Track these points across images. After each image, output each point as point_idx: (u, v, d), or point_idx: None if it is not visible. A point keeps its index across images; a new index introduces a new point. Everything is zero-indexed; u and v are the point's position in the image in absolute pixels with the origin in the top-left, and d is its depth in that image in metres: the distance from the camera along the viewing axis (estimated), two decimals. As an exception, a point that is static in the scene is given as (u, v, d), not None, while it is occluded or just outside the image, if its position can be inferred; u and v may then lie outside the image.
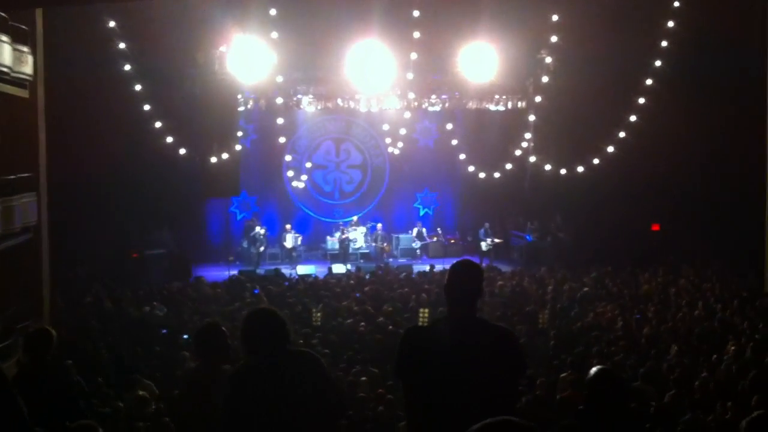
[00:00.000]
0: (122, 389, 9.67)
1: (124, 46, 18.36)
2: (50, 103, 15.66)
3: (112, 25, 18.01)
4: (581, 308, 15.42)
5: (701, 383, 9.47)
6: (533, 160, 22.05)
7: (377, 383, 10.15)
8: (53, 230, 16.12)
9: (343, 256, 22.90)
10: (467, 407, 3.70)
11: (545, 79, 21.06)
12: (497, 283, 17.85)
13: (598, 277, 18.57)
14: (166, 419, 7.87)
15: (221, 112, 19.51)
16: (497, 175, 22.56)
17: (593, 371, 3.95)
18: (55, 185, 16.30)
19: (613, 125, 20.43)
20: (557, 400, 9.42)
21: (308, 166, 24.69)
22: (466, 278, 4.12)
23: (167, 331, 13.53)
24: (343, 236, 23.16)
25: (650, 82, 19.79)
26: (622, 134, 20.31)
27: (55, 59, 16.10)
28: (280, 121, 22.12)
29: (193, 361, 10.84)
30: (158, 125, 19.23)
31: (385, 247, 23.53)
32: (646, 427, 7.69)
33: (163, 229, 22.36)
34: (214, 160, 19.27)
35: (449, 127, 23.84)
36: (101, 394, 9.41)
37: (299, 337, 11.80)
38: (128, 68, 18.63)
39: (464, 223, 26.18)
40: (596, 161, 20.77)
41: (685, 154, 21.37)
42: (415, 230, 24.28)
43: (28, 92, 14.68)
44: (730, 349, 11.38)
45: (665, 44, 19.25)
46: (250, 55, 18.87)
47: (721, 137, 21.09)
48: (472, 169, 23.03)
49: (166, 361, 11.47)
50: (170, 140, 19.38)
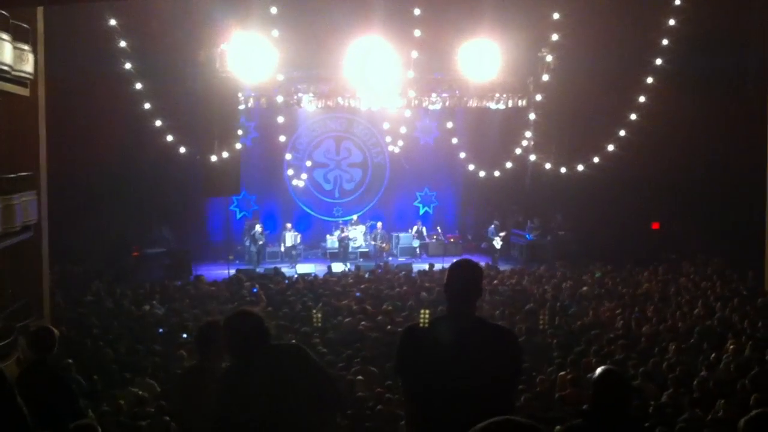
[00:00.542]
0: (122, 388, 9.67)
1: (124, 44, 18.35)
2: (51, 101, 15.67)
3: (113, 23, 18.01)
4: (581, 307, 15.43)
5: (700, 382, 9.48)
6: (534, 158, 22.03)
7: (377, 382, 10.15)
8: (53, 228, 16.13)
9: (342, 254, 22.91)
10: (466, 406, 3.71)
11: (546, 77, 21.04)
12: (497, 281, 17.86)
13: (600, 276, 18.59)
14: (166, 418, 7.88)
15: (222, 110, 19.48)
16: (498, 173, 22.54)
17: (599, 371, 3.93)
18: (55, 183, 16.31)
19: (613, 124, 20.40)
20: (556, 398, 9.45)
21: (308, 164, 24.71)
22: (465, 277, 4.12)
23: (166, 329, 13.52)
24: (342, 235, 23.17)
25: (651, 80, 19.76)
26: (622, 133, 20.28)
27: (55, 58, 16.10)
28: (280, 119, 22.12)
29: (192, 359, 10.87)
30: (159, 124, 19.25)
31: (384, 246, 23.54)
32: (645, 426, 7.70)
33: (163, 227, 22.42)
34: (214, 158, 19.25)
35: (450, 125, 23.83)
36: (100, 392, 9.42)
37: (299, 336, 11.80)
38: (129, 67, 18.63)
39: (464, 221, 26.21)
40: (597, 160, 20.74)
41: (685, 152, 21.36)
42: (414, 229, 24.30)
43: (28, 90, 14.69)
44: (729, 347, 11.39)
45: (666, 42, 19.21)
46: (250, 53, 18.85)
47: (721, 135, 21.09)
48: (472, 167, 23.01)
49: (165, 359, 11.47)
50: (170, 138, 19.40)
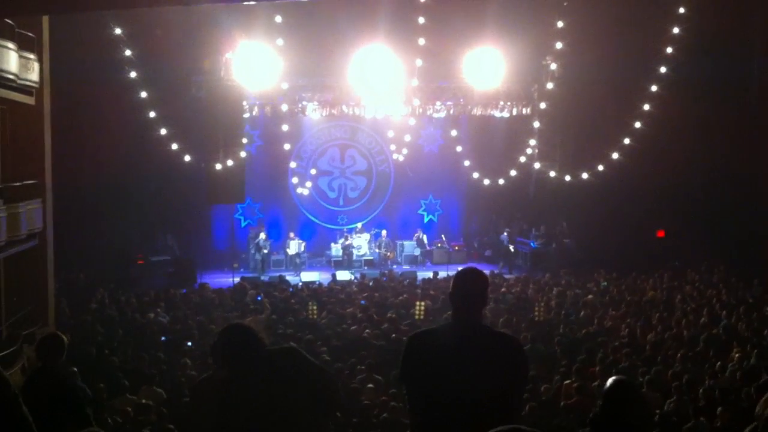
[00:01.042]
0: (127, 396, 9.66)
1: (129, 53, 18.42)
2: (56, 110, 15.73)
3: (118, 32, 18.08)
4: (586, 315, 15.39)
5: (706, 390, 9.44)
6: (538, 166, 22.04)
7: (382, 390, 10.13)
8: (58, 236, 16.17)
9: (346, 263, 22.91)
10: (471, 414, 3.70)
11: (550, 85, 21.05)
12: (501, 289, 17.82)
13: (606, 285, 18.53)
14: (170, 426, 7.86)
15: (226, 118, 19.52)
16: (502, 181, 22.53)
17: (610, 381, 3.88)
18: (60, 192, 16.36)
19: (618, 131, 20.38)
20: (562, 406, 9.41)
21: (313, 172, 24.74)
22: (471, 285, 4.11)
23: (170, 337, 13.51)
24: (346, 243, 23.17)
25: (655, 88, 19.75)
26: (627, 141, 20.27)
27: (61, 66, 16.17)
28: (285, 127, 22.17)
29: (194, 368, 10.86)
30: (163, 132, 19.31)
31: (389, 254, 23.53)
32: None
33: (167, 235, 22.47)
34: (219, 166, 19.29)
35: (454, 133, 23.86)
36: (105, 400, 9.41)
37: (303, 343, 11.78)
38: (134, 75, 18.70)
39: (469, 229, 26.19)
40: (601, 167, 20.72)
41: (690, 160, 21.34)
42: (415, 237, 24.27)
43: (34, 99, 14.76)
44: (734, 355, 11.34)
45: (670, 50, 19.22)
46: (255, 61, 18.92)
47: (726, 143, 21.06)
48: (476, 175, 23.03)
49: (169, 367, 11.46)
50: (175, 147, 19.45)
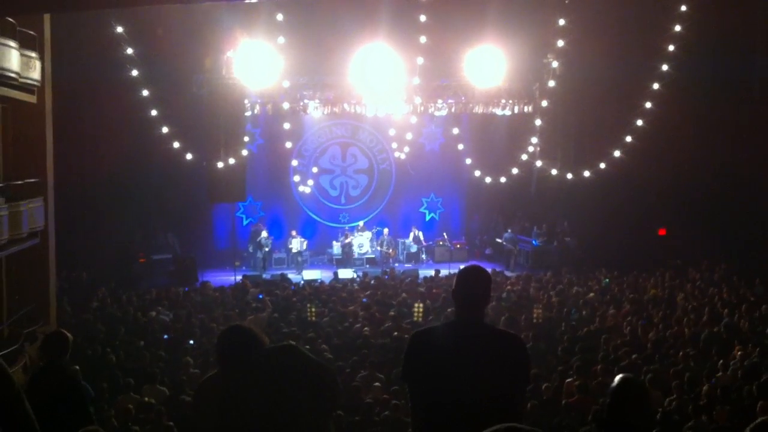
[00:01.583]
0: (128, 394, 9.66)
1: (131, 51, 18.41)
2: (57, 108, 15.73)
3: (119, 30, 18.07)
4: (587, 313, 15.38)
5: (708, 389, 9.44)
6: (540, 164, 22.02)
7: (384, 388, 10.13)
8: (60, 235, 16.18)
9: (346, 260, 22.91)
10: (473, 412, 3.69)
11: (552, 83, 21.02)
12: (503, 287, 17.82)
13: (607, 283, 18.53)
14: (169, 423, 7.87)
15: (228, 117, 19.53)
16: (503, 179, 22.52)
17: (618, 379, 3.87)
18: (62, 190, 16.36)
19: (619, 130, 20.36)
20: (563, 405, 9.40)
21: (314, 170, 24.74)
22: (473, 283, 4.10)
23: (172, 335, 13.52)
24: (346, 241, 23.18)
25: (657, 86, 19.73)
26: (628, 139, 20.24)
27: (62, 65, 16.17)
28: (286, 125, 22.17)
29: (196, 367, 10.86)
30: (165, 130, 19.29)
31: (390, 252, 23.53)
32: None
33: (168, 233, 22.47)
34: (220, 165, 19.30)
35: (455, 131, 23.85)
36: (107, 399, 9.42)
37: (303, 341, 11.79)
38: (135, 73, 18.69)
39: (470, 227, 26.18)
40: (603, 166, 20.70)
41: (692, 158, 21.32)
42: (411, 235, 24.26)
43: (35, 98, 14.75)
44: (736, 354, 11.34)
45: (672, 48, 19.19)
46: (256, 60, 18.90)
47: (728, 142, 21.04)
48: (478, 173, 23.02)
49: (171, 366, 11.47)
50: (177, 145, 19.44)
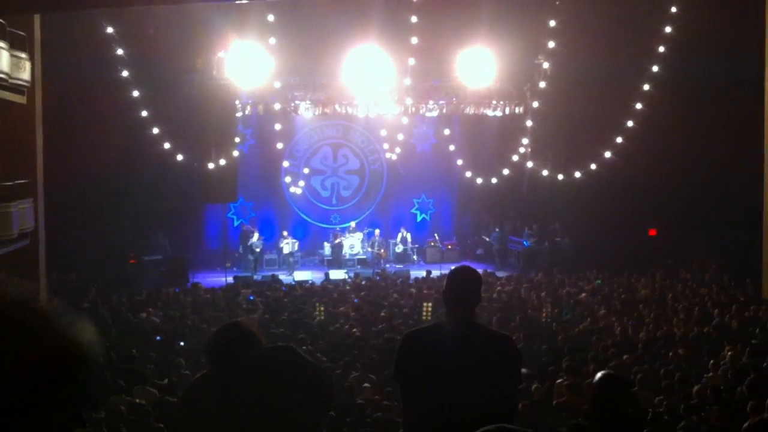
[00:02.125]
0: (119, 395, 9.62)
1: (122, 51, 18.36)
2: (48, 109, 15.67)
3: (110, 30, 18.02)
4: (579, 313, 15.41)
5: (699, 389, 9.47)
6: (531, 165, 22.06)
7: (375, 389, 10.12)
8: (50, 236, 16.11)
9: (337, 261, 22.89)
10: (465, 413, 3.70)
11: (542, 84, 21.08)
12: (495, 288, 17.84)
13: (599, 284, 18.58)
14: (160, 425, 7.84)
15: (219, 117, 19.52)
16: (495, 180, 22.57)
17: (599, 375, 3.91)
18: (52, 191, 16.30)
19: (610, 130, 20.43)
20: (554, 405, 9.41)
21: (306, 171, 24.72)
22: (464, 284, 4.11)
23: (163, 337, 13.48)
24: (336, 242, 23.15)
25: (647, 87, 19.80)
26: (619, 139, 20.31)
27: (52, 65, 16.12)
28: (277, 126, 22.14)
29: (188, 368, 10.83)
30: (156, 131, 19.24)
31: (382, 253, 23.52)
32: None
33: (160, 234, 22.39)
34: (211, 165, 19.27)
35: (447, 132, 23.89)
36: (97, 400, 9.36)
37: (294, 341, 11.77)
38: (126, 74, 18.64)
39: (461, 228, 26.20)
40: (594, 166, 20.77)
41: (682, 159, 21.37)
42: (399, 236, 24.26)
43: (25, 98, 14.70)
44: (727, 354, 11.38)
45: (662, 49, 19.27)
46: (248, 60, 18.90)
47: (719, 142, 21.11)
48: (469, 174, 23.05)
49: (162, 367, 11.43)
50: (168, 146, 19.40)
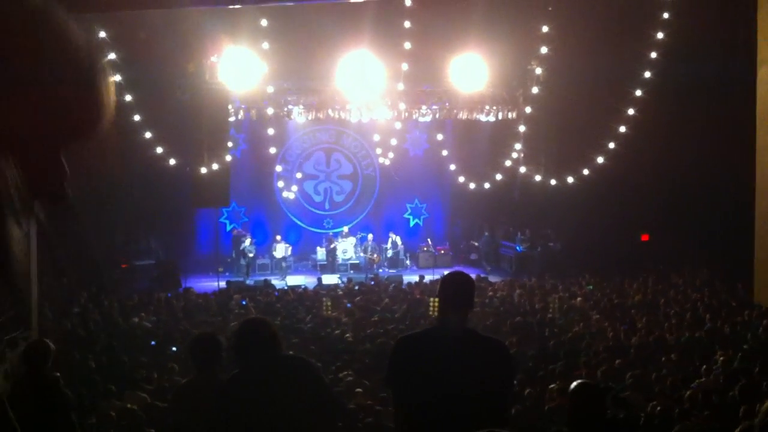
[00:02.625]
0: (110, 401, 9.57)
1: (113, 56, 18.30)
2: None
3: (102, 35, 17.96)
4: (571, 318, 15.43)
5: (691, 394, 9.47)
6: (523, 170, 22.09)
7: (367, 394, 10.09)
8: (41, 240, 16.01)
9: (330, 266, 22.86)
10: (458, 418, 3.69)
11: (535, 89, 21.13)
12: (487, 293, 17.84)
13: (591, 289, 18.61)
14: (151, 430, 7.79)
15: (211, 122, 19.47)
16: (487, 185, 22.59)
17: (573, 385, 3.96)
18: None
19: (602, 136, 20.49)
20: (546, 410, 9.41)
21: (299, 176, 24.70)
22: (457, 288, 4.11)
23: (156, 342, 13.43)
24: (331, 247, 23.12)
25: (640, 92, 19.87)
26: (611, 145, 20.37)
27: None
28: (270, 131, 22.10)
29: (181, 373, 10.78)
30: (148, 135, 19.18)
31: (375, 257, 23.50)
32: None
33: (152, 239, 22.32)
34: (204, 170, 19.22)
35: (439, 137, 23.90)
36: (87, 406, 9.31)
37: (289, 347, 11.75)
38: (118, 78, 18.57)
39: (454, 233, 26.22)
40: (586, 172, 20.82)
41: (674, 164, 21.45)
42: (390, 240, 24.25)
43: (16, 102, 14.61)
44: (719, 359, 11.39)
45: (654, 55, 19.34)
46: (240, 65, 18.88)
47: (710, 147, 21.19)
48: (462, 179, 23.06)
49: (153, 372, 11.36)
50: (160, 150, 19.34)
